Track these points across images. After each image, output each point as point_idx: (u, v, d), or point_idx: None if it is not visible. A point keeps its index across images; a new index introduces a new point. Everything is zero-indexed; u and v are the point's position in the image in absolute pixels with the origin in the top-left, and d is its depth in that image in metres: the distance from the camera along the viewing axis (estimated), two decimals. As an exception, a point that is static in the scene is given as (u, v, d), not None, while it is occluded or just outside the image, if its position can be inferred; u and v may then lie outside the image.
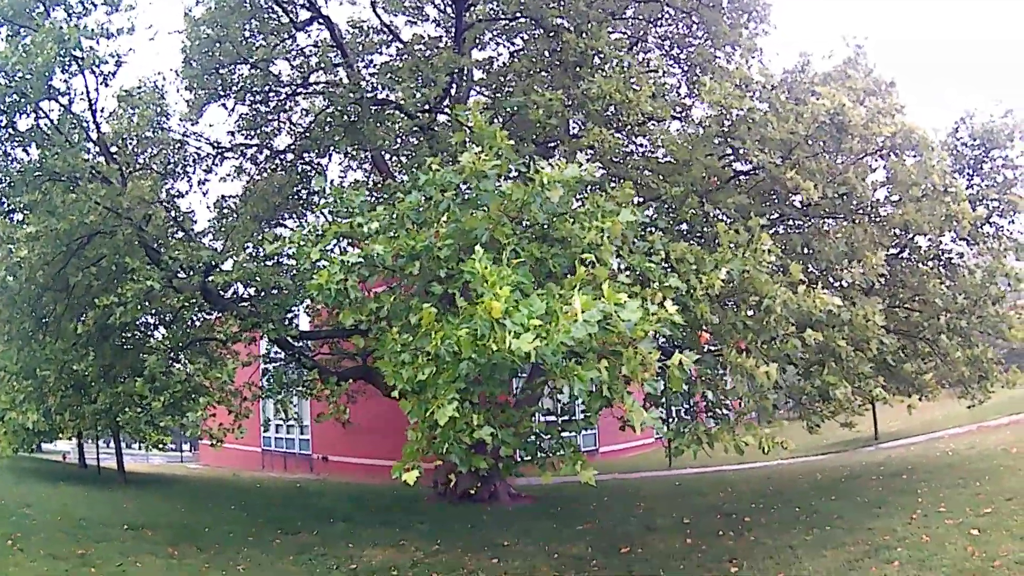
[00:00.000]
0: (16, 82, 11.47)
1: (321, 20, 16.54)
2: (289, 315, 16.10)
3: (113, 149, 14.28)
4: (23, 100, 12.03)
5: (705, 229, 11.44)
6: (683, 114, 14.43)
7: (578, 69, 12.01)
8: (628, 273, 8.34)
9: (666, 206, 10.80)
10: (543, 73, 12.36)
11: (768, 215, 10.75)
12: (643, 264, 8.29)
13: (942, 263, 13.26)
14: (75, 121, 13.17)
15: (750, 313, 9.07)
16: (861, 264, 9.93)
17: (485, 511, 16.66)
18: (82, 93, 12.98)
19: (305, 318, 21.41)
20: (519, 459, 10.55)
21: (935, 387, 13.18)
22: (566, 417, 9.47)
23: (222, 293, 15.31)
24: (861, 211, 11.43)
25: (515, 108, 10.74)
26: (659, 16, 16.83)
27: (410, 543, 13.18)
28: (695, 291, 8.23)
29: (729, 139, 10.87)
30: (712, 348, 9.74)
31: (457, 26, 15.14)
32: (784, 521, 12.30)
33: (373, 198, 9.81)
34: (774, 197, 11.16)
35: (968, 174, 13.64)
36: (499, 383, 8.16)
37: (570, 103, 11.21)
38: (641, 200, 11.64)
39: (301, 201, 18.89)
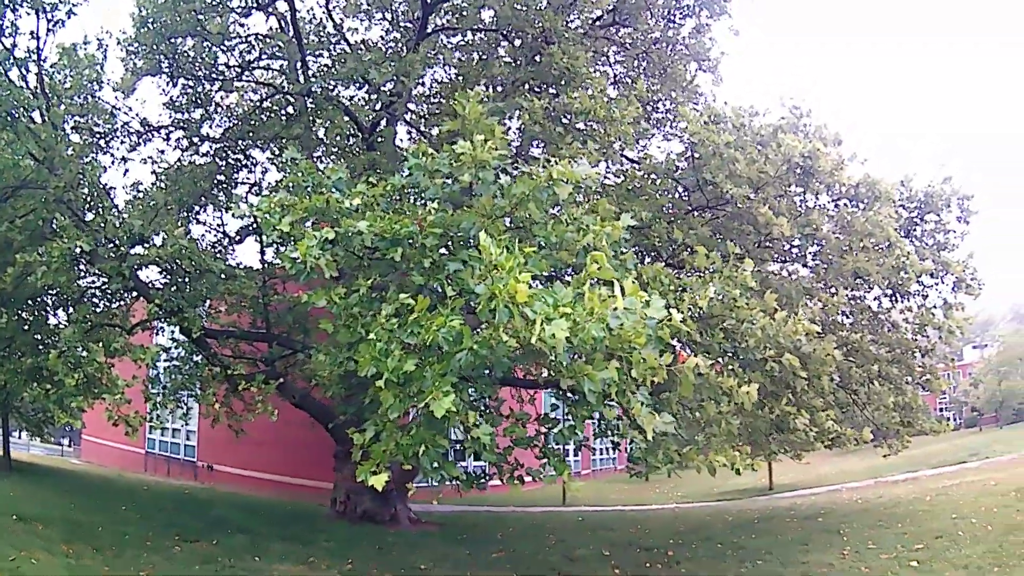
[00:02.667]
0: None
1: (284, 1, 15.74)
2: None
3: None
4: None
5: (672, 253, 11.49)
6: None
7: (559, 84, 11.99)
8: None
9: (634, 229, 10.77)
10: (522, 85, 12.23)
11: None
12: (624, 278, 8.15)
13: (868, 316, 13.80)
14: (14, 62, 12.36)
15: (725, 337, 9.09)
16: (822, 303, 10.19)
17: (389, 534, 15.92)
18: (26, 34, 12.38)
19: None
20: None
21: (851, 436, 13.64)
22: (551, 425, 9.06)
23: (139, 276, 14.19)
24: (816, 255, 11.79)
25: (501, 112, 10.51)
26: (607, 54, 17.12)
27: (320, 560, 12.29)
28: (680, 309, 8.15)
29: (700, 172, 11.00)
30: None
31: (419, 32, 14.80)
32: (712, 556, 12.32)
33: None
34: (737, 231, 11.35)
35: (902, 234, 14.30)
36: (490, 382, 7.77)
37: (548, 116, 11.10)
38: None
39: (224, 190, 17.82)
